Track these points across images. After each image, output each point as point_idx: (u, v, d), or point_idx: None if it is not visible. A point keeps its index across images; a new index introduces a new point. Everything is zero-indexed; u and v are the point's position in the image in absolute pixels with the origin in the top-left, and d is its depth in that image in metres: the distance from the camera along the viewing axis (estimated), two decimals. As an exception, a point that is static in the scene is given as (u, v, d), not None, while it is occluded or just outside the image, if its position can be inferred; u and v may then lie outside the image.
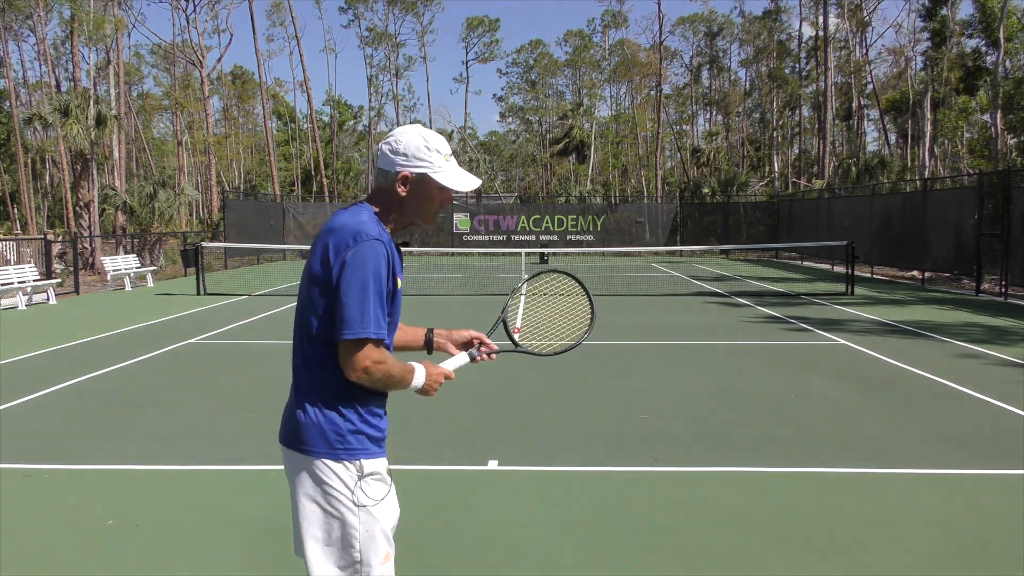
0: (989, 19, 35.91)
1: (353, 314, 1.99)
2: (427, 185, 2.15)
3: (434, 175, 2.14)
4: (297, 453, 2.14)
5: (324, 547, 2.11)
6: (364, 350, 2.01)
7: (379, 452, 2.16)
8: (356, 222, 2.06)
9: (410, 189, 2.15)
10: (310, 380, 2.13)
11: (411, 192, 2.15)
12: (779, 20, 55.28)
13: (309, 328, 2.09)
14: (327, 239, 2.06)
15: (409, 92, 67.84)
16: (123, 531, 4.10)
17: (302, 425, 2.12)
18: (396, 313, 2.19)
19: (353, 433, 2.10)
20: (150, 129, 62.94)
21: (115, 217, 29.26)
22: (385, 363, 2.05)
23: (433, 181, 2.15)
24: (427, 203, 2.17)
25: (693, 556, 3.77)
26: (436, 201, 2.18)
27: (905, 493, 4.63)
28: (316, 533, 2.12)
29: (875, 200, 23.50)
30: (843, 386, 7.51)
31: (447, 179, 2.15)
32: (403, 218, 2.19)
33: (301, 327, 2.14)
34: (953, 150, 44.88)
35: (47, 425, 6.24)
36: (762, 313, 13.43)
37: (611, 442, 5.68)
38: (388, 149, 2.15)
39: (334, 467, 2.09)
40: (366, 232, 2.03)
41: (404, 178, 2.14)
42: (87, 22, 28.53)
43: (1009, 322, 12.09)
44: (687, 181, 50.38)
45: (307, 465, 2.12)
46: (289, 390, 2.22)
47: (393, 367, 2.07)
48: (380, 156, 2.18)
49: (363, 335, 1.99)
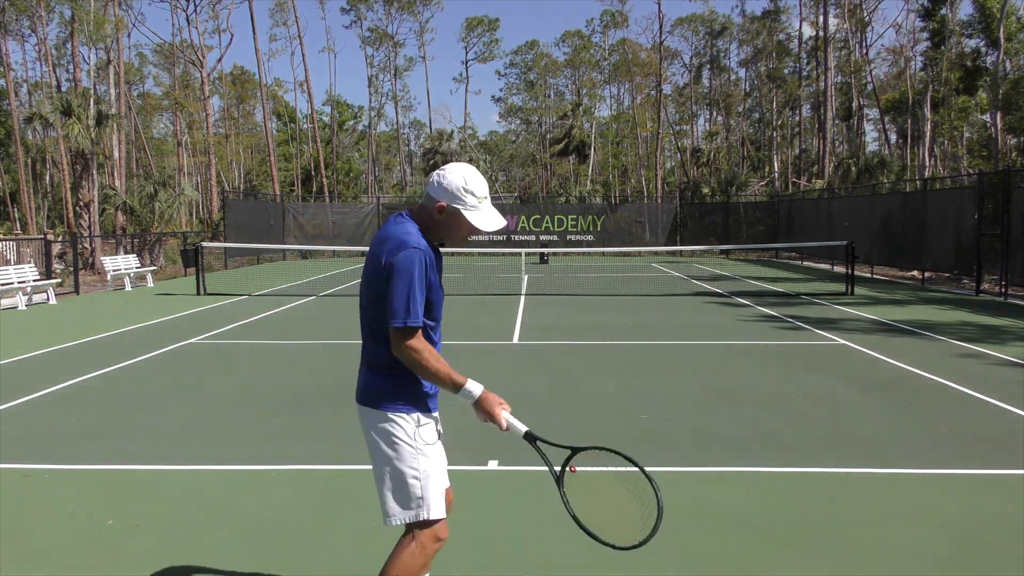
0: (989, 19, 35.92)
1: (398, 307, 2.50)
2: (458, 218, 2.64)
3: (465, 212, 2.62)
4: (371, 409, 2.67)
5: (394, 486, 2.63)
6: (405, 335, 2.52)
7: (430, 408, 2.72)
8: (403, 233, 2.57)
9: (444, 217, 2.63)
10: (383, 358, 2.64)
11: (444, 219, 2.63)
12: (779, 20, 55.32)
13: (379, 319, 2.59)
14: (383, 247, 2.57)
15: (405, 92, 67.59)
16: (123, 531, 4.10)
17: (376, 389, 2.66)
18: (437, 306, 2.68)
19: (413, 394, 2.66)
20: (150, 129, 62.94)
21: (115, 217, 29.26)
22: (423, 351, 2.54)
23: (464, 217, 2.63)
24: (456, 231, 2.67)
25: (693, 556, 3.77)
26: (464, 230, 2.66)
27: (905, 493, 4.63)
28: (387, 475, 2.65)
29: (875, 200, 23.49)
30: (843, 386, 7.51)
31: (475, 218, 2.63)
32: (436, 236, 2.67)
33: (372, 318, 2.64)
34: (953, 150, 44.88)
35: (47, 425, 6.24)
36: (762, 313, 13.43)
37: (611, 442, 5.66)
38: (436, 180, 2.64)
39: (399, 419, 2.63)
40: (409, 242, 2.54)
41: (441, 208, 2.63)
42: (87, 22, 28.52)
43: (1009, 322, 12.09)
44: (687, 181, 50.39)
45: (380, 418, 2.64)
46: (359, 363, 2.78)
47: (431, 362, 2.55)
48: (429, 183, 2.67)
49: (407, 323, 2.50)
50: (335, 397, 7.16)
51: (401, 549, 2.65)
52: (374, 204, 35.87)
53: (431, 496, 2.63)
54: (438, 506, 2.64)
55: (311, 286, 19.30)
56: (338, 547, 3.90)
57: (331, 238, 32.66)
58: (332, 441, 5.77)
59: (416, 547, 2.63)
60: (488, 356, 9.16)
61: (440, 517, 2.65)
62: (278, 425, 6.22)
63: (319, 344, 10.35)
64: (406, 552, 2.63)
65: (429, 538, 2.65)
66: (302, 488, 4.79)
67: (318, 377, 8.14)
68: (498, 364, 8.74)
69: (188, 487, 4.81)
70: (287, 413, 6.57)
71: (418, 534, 2.64)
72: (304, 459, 5.32)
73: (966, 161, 42.85)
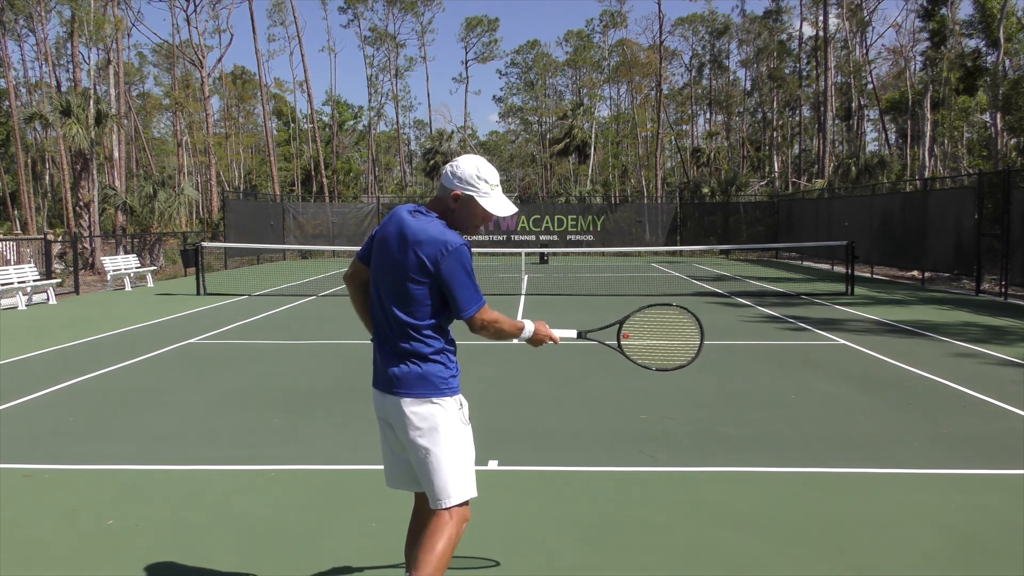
0: (989, 19, 35.91)
1: (468, 293, 2.69)
2: (472, 205, 2.78)
3: (479, 199, 2.77)
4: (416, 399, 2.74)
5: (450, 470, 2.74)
6: (482, 314, 2.73)
7: (459, 391, 2.88)
8: (439, 232, 2.69)
9: (459, 205, 2.78)
10: (422, 348, 2.75)
11: (460, 207, 2.78)
12: (779, 20, 55.32)
13: (411, 314, 2.73)
14: (419, 249, 2.68)
15: (406, 92, 67.64)
16: (123, 531, 4.10)
17: (420, 378, 2.75)
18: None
19: (452, 377, 2.81)
20: (150, 129, 62.94)
21: (115, 217, 29.25)
22: (499, 321, 2.79)
23: (477, 204, 2.78)
24: (471, 218, 2.81)
25: (693, 556, 3.77)
26: (479, 217, 2.81)
27: (905, 493, 4.63)
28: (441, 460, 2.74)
29: (875, 200, 23.49)
30: (843, 386, 7.51)
31: (488, 204, 2.79)
32: (452, 225, 2.78)
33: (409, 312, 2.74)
34: (953, 150, 44.87)
35: (47, 425, 6.24)
36: (762, 313, 13.43)
37: (611, 442, 5.68)
38: (449, 171, 2.79)
39: (449, 402, 2.77)
40: (453, 240, 2.68)
41: (456, 196, 2.77)
42: (87, 22, 28.51)
43: (1009, 322, 12.09)
44: (687, 181, 50.40)
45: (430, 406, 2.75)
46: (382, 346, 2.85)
47: (504, 323, 2.81)
48: (443, 175, 2.81)
49: (481, 304, 2.73)
50: (335, 397, 7.16)
51: (441, 532, 2.72)
52: (374, 204, 35.86)
53: (470, 477, 2.80)
54: (475, 486, 2.84)
55: (311, 286, 19.30)
56: (338, 547, 3.90)
57: (331, 238, 32.66)
58: (332, 441, 5.77)
59: (454, 528, 2.73)
60: (488, 355, 9.16)
61: (474, 496, 2.83)
62: (278, 425, 6.22)
63: (319, 344, 10.35)
64: (448, 533, 2.72)
65: (464, 518, 2.78)
66: (302, 488, 4.79)
67: (318, 377, 8.14)
68: (498, 363, 8.74)
69: (188, 487, 4.81)
70: (287, 413, 6.57)
71: (455, 514, 2.75)
72: (304, 459, 5.32)
73: (966, 161, 42.84)
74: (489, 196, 2.78)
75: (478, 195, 2.76)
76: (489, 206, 2.78)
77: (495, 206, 2.79)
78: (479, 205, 2.77)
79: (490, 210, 2.78)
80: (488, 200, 2.78)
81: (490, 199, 2.78)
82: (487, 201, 2.78)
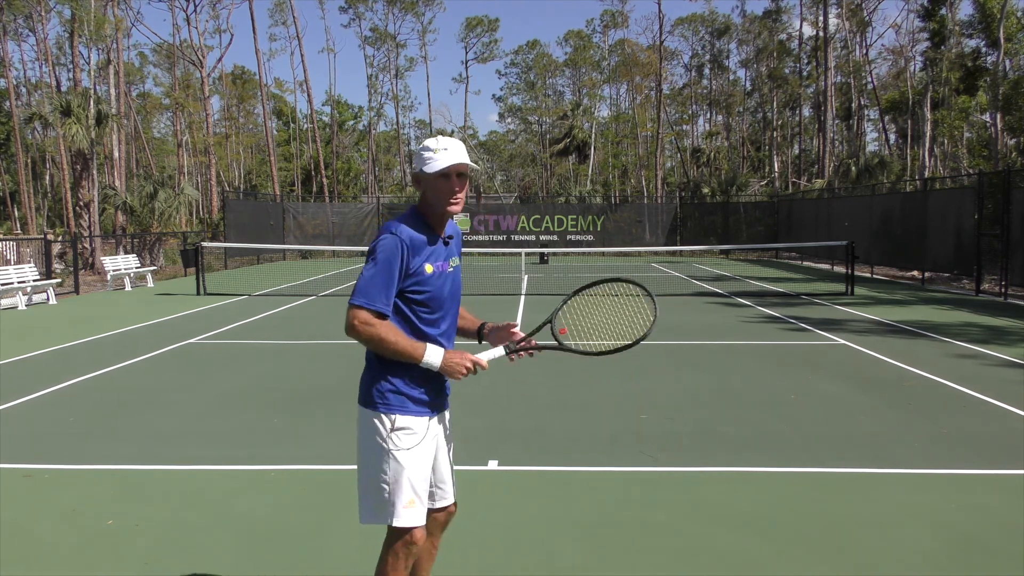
0: (989, 19, 35.91)
1: (357, 286, 2.50)
2: (426, 179, 2.57)
3: (426, 167, 2.55)
4: (359, 405, 2.64)
5: (366, 487, 2.59)
6: (355, 312, 2.48)
7: (417, 411, 2.59)
8: (388, 223, 2.57)
9: (422, 187, 2.59)
10: (367, 353, 2.63)
11: (424, 187, 2.59)
12: (779, 20, 55.32)
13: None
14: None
15: (407, 92, 67.61)
16: (123, 531, 4.10)
17: (361, 384, 2.64)
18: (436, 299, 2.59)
19: (392, 392, 2.56)
20: (150, 129, 62.94)
21: (115, 217, 29.24)
22: (373, 327, 2.47)
23: (427, 174, 2.55)
24: (434, 191, 2.56)
25: (693, 556, 3.77)
26: (442, 189, 2.55)
27: (905, 493, 4.63)
28: (361, 474, 2.61)
29: (875, 200, 23.50)
30: (843, 386, 7.51)
31: (434, 166, 2.52)
32: (432, 210, 2.60)
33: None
34: (953, 150, 44.87)
35: (47, 425, 6.24)
36: (762, 313, 13.43)
37: (611, 442, 5.68)
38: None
39: (374, 418, 2.57)
40: (387, 227, 2.54)
41: (414, 177, 2.62)
42: (87, 22, 28.51)
43: (1009, 322, 12.09)
44: (687, 181, 50.39)
45: (361, 415, 2.62)
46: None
47: (384, 333, 2.48)
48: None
49: (355, 301, 2.48)
50: (335, 397, 7.16)
51: (383, 550, 2.62)
52: (374, 204, 35.87)
53: (398, 504, 2.52)
54: (407, 515, 2.53)
55: (311, 286, 19.30)
56: (338, 547, 3.90)
57: (331, 238, 32.66)
58: (332, 441, 5.76)
59: (390, 552, 2.58)
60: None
61: (407, 526, 2.54)
62: (278, 425, 6.22)
63: (319, 344, 10.35)
64: (385, 554, 2.60)
65: (400, 543, 2.57)
66: (302, 488, 4.79)
67: (318, 377, 8.14)
68: (498, 364, 8.72)
69: (188, 487, 4.81)
70: (287, 413, 6.57)
71: (391, 537, 2.59)
72: (304, 459, 5.32)
73: (966, 161, 42.84)
74: (435, 159, 2.52)
75: (426, 165, 2.53)
76: (436, 166, 2.51)
77: (441, 162, 2.51)
78: (431, 176, 2.53)
79: (439, 167, 2.50)
80: (433, 163, 2.52)
81: (435, 160, 2.52)
82: (432, 165, 2.52)
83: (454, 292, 2.67)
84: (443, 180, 2.54)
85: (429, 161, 2.53)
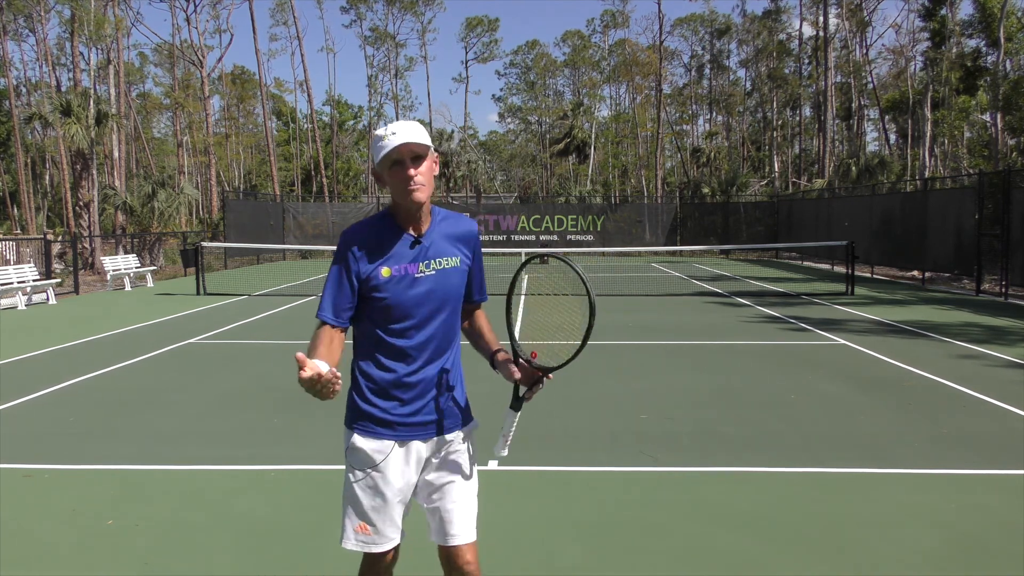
0: (989, 19, 35.89)
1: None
2: (382, 171, 2.26)
3: (377, 159, 2.24)
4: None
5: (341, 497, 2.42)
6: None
7: (377, 432, 2.32)
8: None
9: (385, 181, 2.28)
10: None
11: (387, 183, 2.28)
12: (779, 20, 55.34)
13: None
14: None
15: (407, 92, 67.69)
16: (123, 531, 4.10)
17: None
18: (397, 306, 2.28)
19: (351, 407, 2.37)
20: (150, 129, 62.94)
21: (115, 217, 29.24)
22: (311, 342, 2.24)
23: (381, 166, 2.25)
24: (393, 184, 2.26)
25: (693, 556, 3.77)
26: (397, 178, 2.23)
27: (905, 493, 4.63)
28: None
29: (875, 200, 23.49)
30: (843, 386, 7.51)
31: (382, 154, 2.21)
32: (397, 205, 2.30)
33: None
34: (953, 150, 44.87)
35: (47, 425, 6.24)
36: (762, 313, 13.42)
37: (611, 442, 5.68)
38: None
39: (345, 430, 2.38)
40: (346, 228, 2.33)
41: (375, 175, 2.34)
42: (87, 22, 28.51)
43: (1009, 322, 12.08)
44: (687, 181, 50.39)
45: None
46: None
47: (310, 341, 2.24)
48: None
49: (318, 313, 2.30)
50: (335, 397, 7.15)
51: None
52: (374, 204, 35.86)
53: (348, 525, 2.36)
54: (357, 540, 2.36)
55: (311, 286, 19.29)
56: (338, 547, 3.88)
57: (331, 238, 32.63)
58: (332, 441, 5.76)
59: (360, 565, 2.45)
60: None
61: (356, 551, 2.38)
62: (278, 425, 6.22)
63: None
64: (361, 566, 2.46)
65: (364, 563, 2.43)
66: (302, 488, 4.79)
67: (318, 377, 8.13)
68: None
69: (188, 487, 4.81)
70: (287, 413, 6.57)
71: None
72: (304, 459, 5.32)
73: (966, 161, 42.83)
74: (383, 147, 2.20)
75: (377, 157, 2.23)
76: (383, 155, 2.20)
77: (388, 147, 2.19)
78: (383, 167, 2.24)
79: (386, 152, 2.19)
80: (382, 152, 2.20)
81: (384, 148, 2.20)
82: (381, 154, 2.20)
83: (431, 298, 2.31)
84: (396, 168, 2.22)
85: (379, 151, 2.21)
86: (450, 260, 2.37)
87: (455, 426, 2.44)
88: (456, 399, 2.44)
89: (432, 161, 2.28)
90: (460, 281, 2.41)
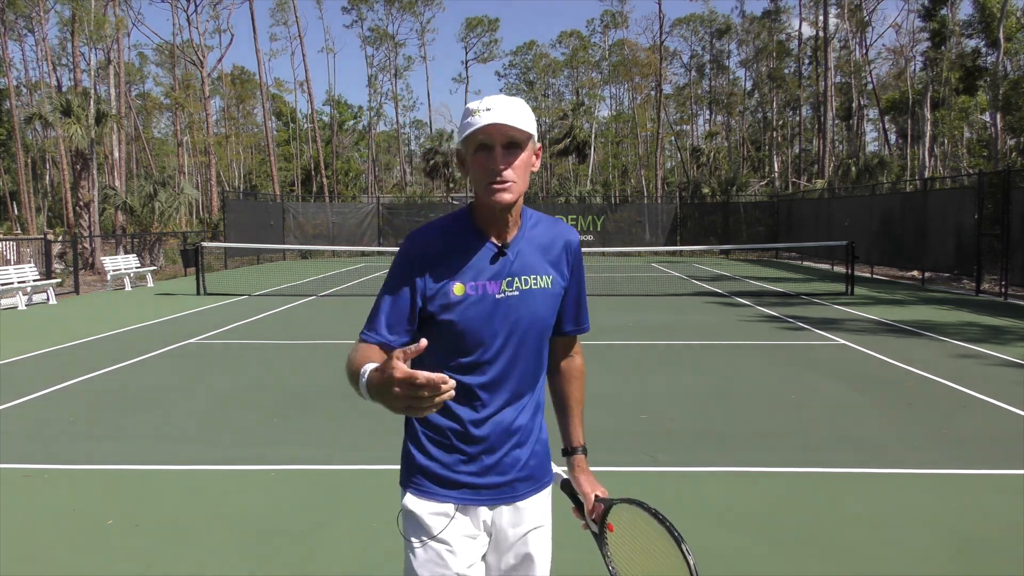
0: (989, 19, 35.90)
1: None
2: (464, 151, 1.78)
3: (461, 139, 1.76)
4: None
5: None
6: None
7: (435, 494, 1.84)
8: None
9: (466, 167, 1.81)
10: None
11: (468, 168, 1.79)
12: (779, 20, 55.36)
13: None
14: None
15: (407, 92, 67.75)
16: (123, 531, 4.10)
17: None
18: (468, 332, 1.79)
19: (407, 462, 1.89)
20: (150, 129, 62.96)
21: (115, 217, 29.25)
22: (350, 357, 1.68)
23: (464, 149, 1.77)
24: (473, 174, 1.77)
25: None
26: (479, 167, 1.73)
27: (905, 493, 4.63)
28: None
29: (875, 200, 23.50)
30: (843, 386, 7.51)
31: (466, 134, 1.72)
32: (482, 204, 1.79)
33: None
34: (953, 150, 44.88)
35: (47, 425, 6.24)
36: (762, 313, 13.42)
37: (611, 442, 5.68)
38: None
39: (399, 490, 1.90)
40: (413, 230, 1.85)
41: (457, 155, 1.86)
42: (87, 22, 28.52)
43: (1009, 322, 12.08)
44: (687, 181, 50.38)
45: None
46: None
47: (350, 354, 1.69)
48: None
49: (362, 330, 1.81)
50: (335, 397, 7.15)
51: None
52: (374, 204, 35.85)
53: None
54: None
55: (311, 286, 19.29)
56: (338, 547, 3.90)
57: (331, 238, 32.65)
58: (332, 441, 5.76)
59: None
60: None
61: None
62: (278, 425, 6.22)
63: (319, 344, 10.35)
64: None
65: None
66: (302, 488, 4.79)
67: (318, 377, 8.14)
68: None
69: (188, 487, 4.81)
70: (287, 413, 6.57)
71: None
72: (304, 459, 5.32)
73: (966, 161, 42.84)
74: (470, 126, 1.71)
75: (461, 137, 1.76)
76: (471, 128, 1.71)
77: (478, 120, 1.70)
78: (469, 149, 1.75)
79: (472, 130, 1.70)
80: (467, 130, 1.72)
81: (470, 127, 1.71)
82: (465, 133, 1.73)
83: (512, 326, 1.81)
84: (482, 153, 1.73)
85: (466, 128, 1.73)
86: (540, 279, 1.86)
87: (532, 490, 2.02)
88: (537, 454, 2.02)
89: (532, 153, 1.79)
90: (551, 306, 1.90)
